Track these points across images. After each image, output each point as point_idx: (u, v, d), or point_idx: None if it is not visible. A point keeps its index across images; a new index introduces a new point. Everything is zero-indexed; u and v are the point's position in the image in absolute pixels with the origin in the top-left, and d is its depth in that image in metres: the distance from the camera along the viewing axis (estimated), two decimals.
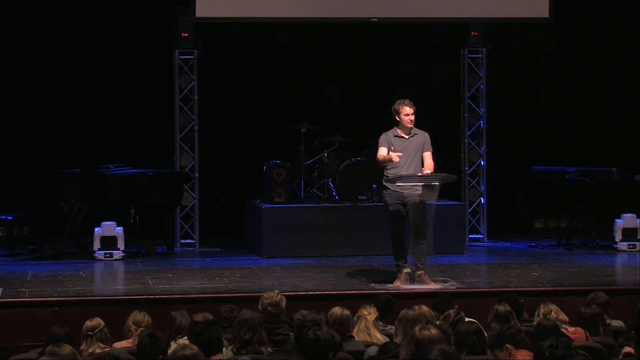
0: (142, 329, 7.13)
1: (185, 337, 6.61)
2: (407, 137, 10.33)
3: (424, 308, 6.85)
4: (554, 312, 7.44)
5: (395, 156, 10.12)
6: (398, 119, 10.34)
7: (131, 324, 7.24)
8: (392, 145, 10.27)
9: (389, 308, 8.17)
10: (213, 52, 14.23)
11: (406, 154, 10.25)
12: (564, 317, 7.43)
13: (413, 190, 10.10)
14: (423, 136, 10.39)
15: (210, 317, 7.32)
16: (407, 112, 10.29)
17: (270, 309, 7.16)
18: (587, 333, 7.17)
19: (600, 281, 10.54)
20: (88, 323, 7.00)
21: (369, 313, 7.45)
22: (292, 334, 6.93)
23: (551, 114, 15.56)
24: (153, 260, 12.52)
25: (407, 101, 10.34)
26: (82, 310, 9.09)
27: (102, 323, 7.00)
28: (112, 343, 7.08)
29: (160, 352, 6.01)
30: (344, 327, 7.13)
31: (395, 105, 10.36)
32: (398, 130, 10.35)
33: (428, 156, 10.29)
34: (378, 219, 11.33)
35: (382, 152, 10.25)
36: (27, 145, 14.10)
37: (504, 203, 15.00)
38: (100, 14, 14.24)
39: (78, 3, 14.11)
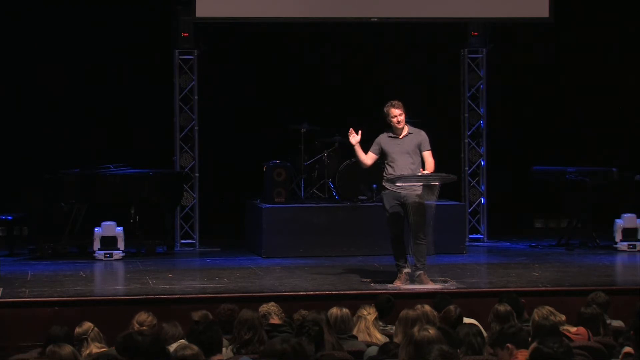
0: (144, 328, 7.12)
1: (182, 340, 6.59)
2: (400, 137, 10.31)
3: (426, 307, 6.85)
4: (550, 315, 7.39)
5: (351, 136, 10.30)
6: (388, 121, 10.33)
7: (135, 322, 7.24)
8: (385, 146, 10.29)
9: (389, 308, 8.16)
10: (213, 52, 14.22)
11: (402, 154, 10.23)
12: (560, 317, 7.41)
13: (411, 190, 10.08)
14: (419, 135, 10.34)
15: (209, 315, 7.34)
16: (394, 114, 10.24)
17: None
18: (590, 333, 7.16)
19: (600, 281, 10.53)
20: (78, 329, 6.95)
21: (369, 313, 7.44)
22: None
23: (551, 113, 15.54)
24: (153, 260, 12.51)
25: (395, 102, 10.28)
26: (82, 310, 9.10)
27: (91, 325, 6.98)
28: (107, 342, 7.05)
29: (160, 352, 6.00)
30: (346, 325, 7.14)
31: (385, 108, 10.31)
32: (391, 132, 10.36)
33: (428, 155, 10.26)
34: (378, 219, 11.31)
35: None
36: (26, 145, 14.09)
37: (504, 203, 14.98)
38: (100, 14, 14.23)
39: (78, 3, 14.10)
